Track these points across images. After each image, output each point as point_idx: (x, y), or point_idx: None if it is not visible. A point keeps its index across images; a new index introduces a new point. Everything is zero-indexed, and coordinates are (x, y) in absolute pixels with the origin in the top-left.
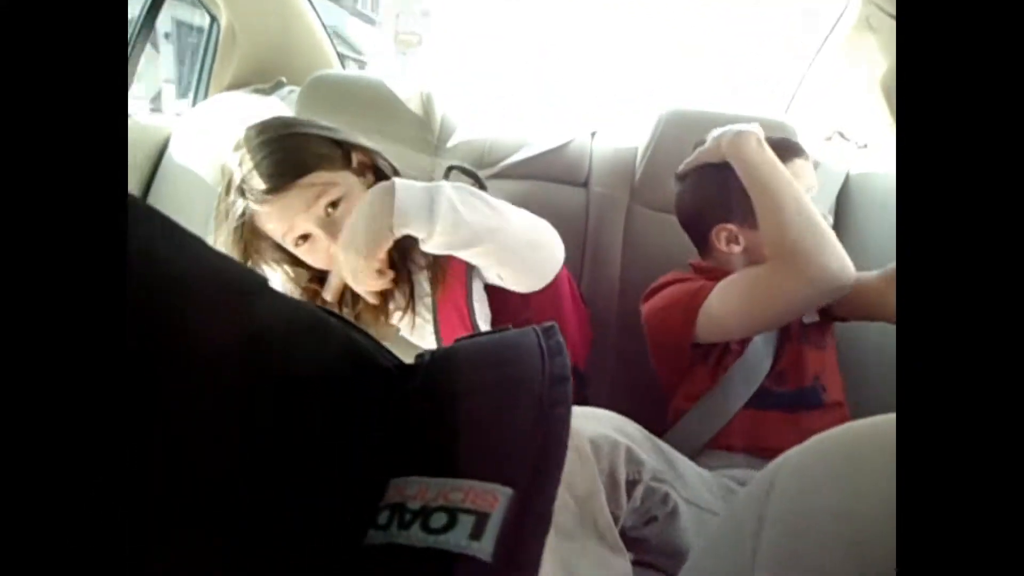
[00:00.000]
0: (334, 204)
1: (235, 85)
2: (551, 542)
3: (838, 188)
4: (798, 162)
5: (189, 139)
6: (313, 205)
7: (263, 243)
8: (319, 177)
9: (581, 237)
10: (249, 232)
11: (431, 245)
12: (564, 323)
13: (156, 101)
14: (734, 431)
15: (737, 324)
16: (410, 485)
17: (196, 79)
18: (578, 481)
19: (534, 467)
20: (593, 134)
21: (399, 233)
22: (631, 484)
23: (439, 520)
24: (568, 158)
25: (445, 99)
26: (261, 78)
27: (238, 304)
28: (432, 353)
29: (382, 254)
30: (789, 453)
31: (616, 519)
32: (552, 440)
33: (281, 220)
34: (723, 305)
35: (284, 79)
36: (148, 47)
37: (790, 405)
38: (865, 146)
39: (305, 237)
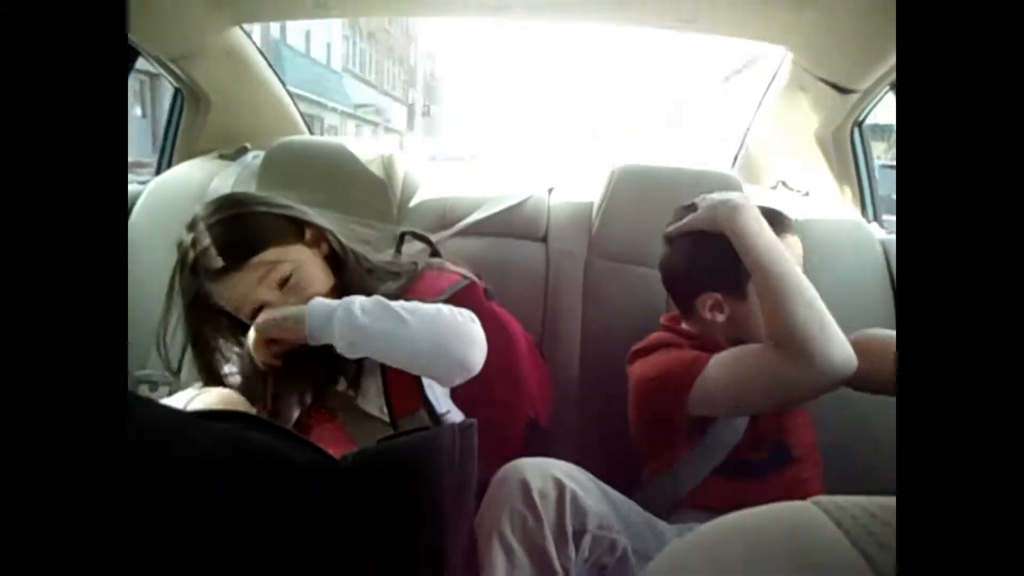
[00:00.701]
0: (286, 280)
1: (200, 152)
2: None
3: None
4: (789, 238)
5: (156, 206)
6: (265, 280)
7: (217, 318)
8: (271, 255)
9: (541, 291)
10: (204, 309)
11: (340, 350)
12: (523, 382)
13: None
14: (709, 494)
15: (733, 405)
16: None
17: (160, 148)
18: (530, 535)
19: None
20: (550, 190)
21: (312, 343)
22: (577, 535)
23: None
24: (526, 214)
25: (406, 160)
26: (226, 144)
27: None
28: (352, 456)
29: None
30: (668, 549)
31: (566, 572)
32: (445, 554)
33: (233, 297)
34: (720, 385)
35: (248, 145)
36: None
37: (759, 472)
38: (807, 194)
39: (259, 309)
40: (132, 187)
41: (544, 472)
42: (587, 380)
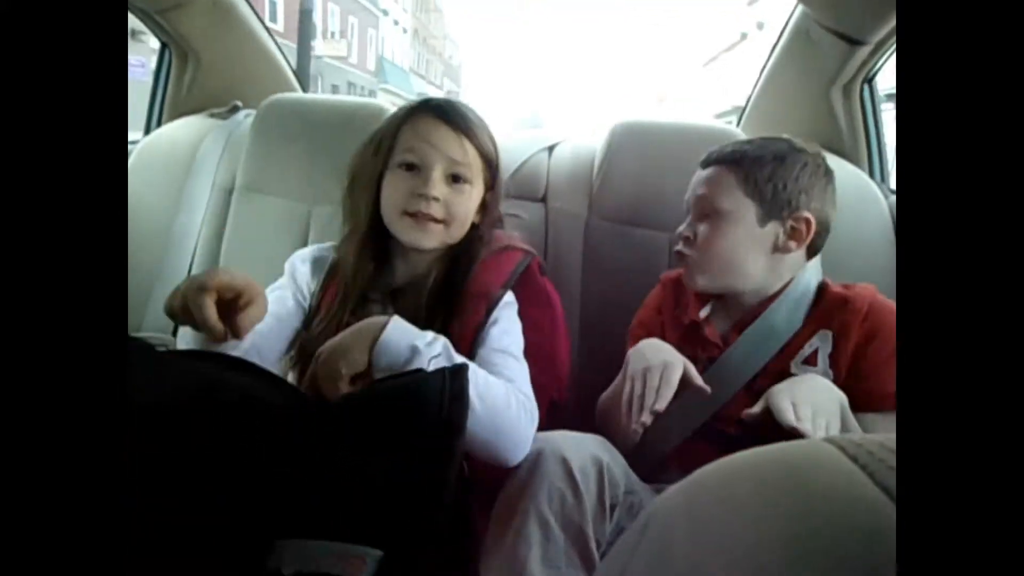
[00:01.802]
0: (463, 182)
1: (191, 110)
2: (539, 573)
3: None
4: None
5: (145, 165)
6: (455, 164)
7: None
8: (473, 155)
9: (541, 252)
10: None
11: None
12: (556, 364)
13: None
14: (696, 459)
15: None
16: (289, 548)
17: (149, 105)
18: (570, 514)
19: (410, 526)
20: (551, 148)
21: (375, 370)
22: (612, 508)
23: None
24: (526, 174)
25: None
26: (216, 103)
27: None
28: (337, 402)
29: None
30: (669, 491)
31: (599, 545)
32: (431, 500)
33: (433, 143)
34: None
35: (239, 103)
36: None
37: (739, 444)
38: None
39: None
40: None
41: (582, 449)
42: (586, 344)
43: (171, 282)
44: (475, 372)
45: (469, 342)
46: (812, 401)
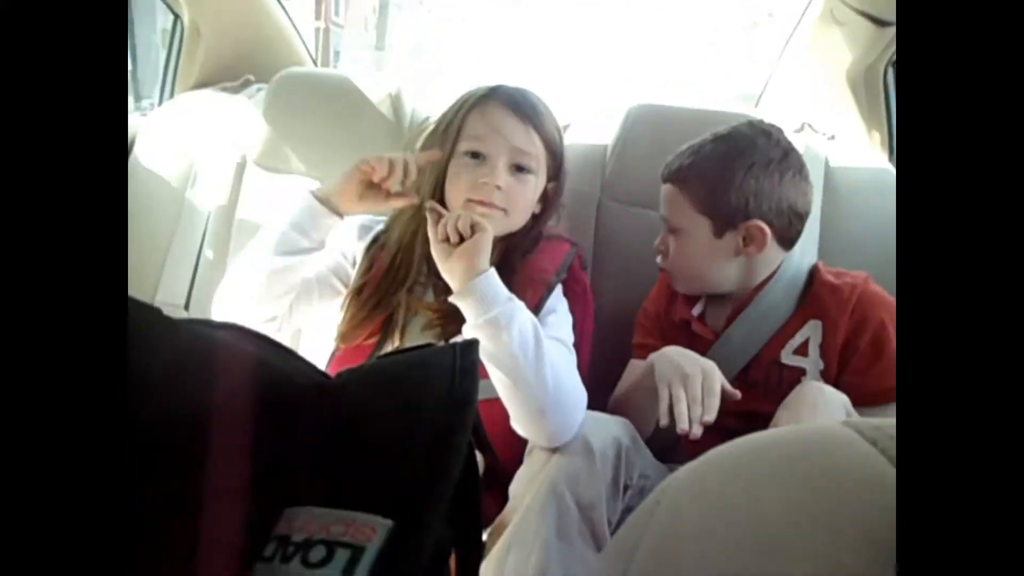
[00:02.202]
0: (525, 172)
1: (202, 84)
2: (553, 546)
3: (822, 172)
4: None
5: (157, 139)
6: (519, 154)
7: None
8: (539, 146)
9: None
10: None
11: (467, 330)
12: (582, 356)
13: None
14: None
15: None
16: (299, 515)
17: (161, 78)
18: (584, 491)
19: (419, 497)
20: (564, 127)
21: (458, 301)
22: (625, 488)
23: (318, 554)
24: None
25: (413, 95)
26: (228, 76)
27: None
28: (347, 372)
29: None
30: (681, 469)
31: (610, 523)
32: (440, 470)
33: (500, 130)
34: None
35: (251, 77)
36: None
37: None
38: (832, 137)
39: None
40: (134, 118)
41: (603, 431)
42: (597, 325)
43: (183, 254)
44: (550, 348)
45: None
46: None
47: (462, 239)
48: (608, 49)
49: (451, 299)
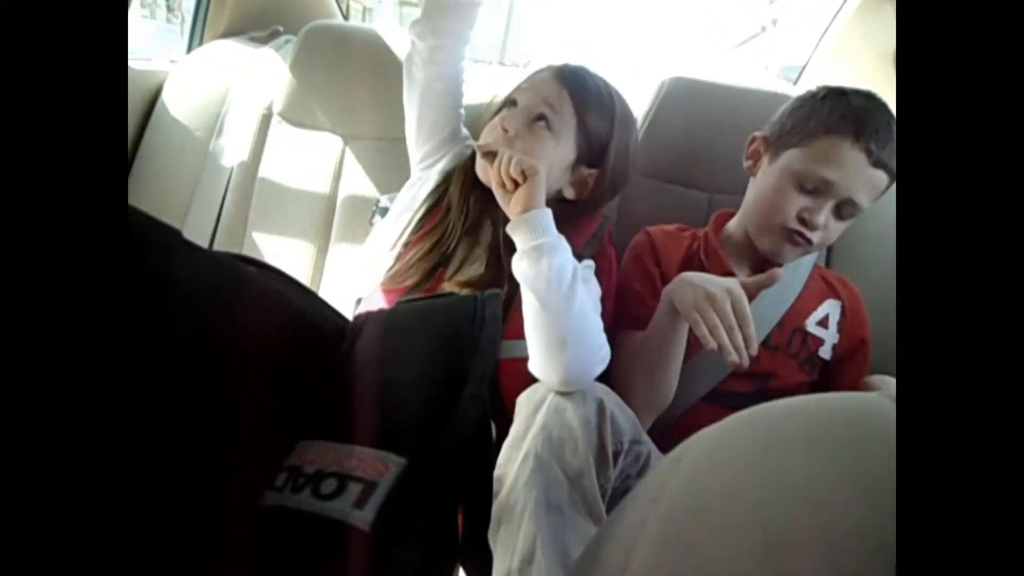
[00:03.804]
0: (544, 122)
1: (230, 33)
2: (543, 516)
3: None
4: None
5: (184, 87)
6: (538, 107)
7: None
8: (568, 118)
9: None
10: None
11: (514, 261)
12: (606, 302)
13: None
14: (698, 419)
15: None
16: (311, 448)
17: (191, 26)
18: (570, 459)
19: (432, 439)
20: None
21: (513, 230)
22: (615, 455)
23: (329, 486)
24: None
25: None
26: (257, 26)
27: (151, 260)
28: (368, 315)
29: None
30: (705, 430)
31: (604, 492)
32: (454, 414)
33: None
34: None
35: (280, 28)
36: None
37: (744, 403)
38: None
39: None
40: (160, 66)
41: (585, 396)
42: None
43: (206, 204)
44: (583, 291)
45: None
46: None
47: (517, 184)
48: (623, 46)
49: (507, 229)
